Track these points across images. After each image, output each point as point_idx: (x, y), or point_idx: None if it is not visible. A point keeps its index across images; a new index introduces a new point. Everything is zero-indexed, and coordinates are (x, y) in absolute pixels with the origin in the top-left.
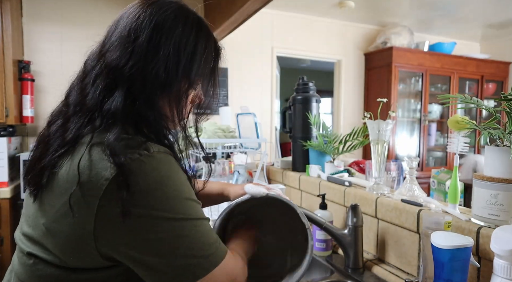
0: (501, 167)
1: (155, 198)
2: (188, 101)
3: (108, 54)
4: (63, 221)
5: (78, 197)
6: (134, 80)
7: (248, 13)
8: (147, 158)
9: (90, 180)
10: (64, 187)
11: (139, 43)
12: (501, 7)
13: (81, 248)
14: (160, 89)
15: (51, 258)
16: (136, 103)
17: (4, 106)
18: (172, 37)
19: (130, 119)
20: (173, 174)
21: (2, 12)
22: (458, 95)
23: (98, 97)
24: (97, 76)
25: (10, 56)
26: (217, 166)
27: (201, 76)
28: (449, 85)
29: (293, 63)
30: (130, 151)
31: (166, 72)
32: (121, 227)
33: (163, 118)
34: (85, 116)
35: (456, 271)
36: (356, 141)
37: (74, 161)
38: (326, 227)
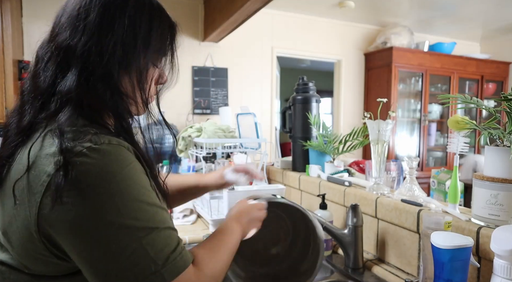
0: (501, 167)
1: (96, 197)
2: (149, 78)
3: (58, 37)
4: (13, 222)
5: (23, 186)
6: (88, 57)
7: (248, 13)
8: (92, 151)
9: (35, 174)
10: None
11: (91, 19)
12: (501, 7)
13: (34, 250)
14: (118, 64)
15: (16, 263)
16: (90, 80)
17: (4, 106)
18: (126, 12)
19: (86, 98)
20: (122, 169)
21: (2, 12)
22: (458, 95)
23: (50, 80)
24: (49, 59)
25: (10, 56)
26: (217, 166)
27: (159, 52)
28: (449, 85)
29: (293, 63)
30: (75, 142)
31: (122, 46)
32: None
33: (121, 97)
34: (38, 101)
35: (456, 271)
36: (356, 141)
37: (26, 149)
38: (326, 227)
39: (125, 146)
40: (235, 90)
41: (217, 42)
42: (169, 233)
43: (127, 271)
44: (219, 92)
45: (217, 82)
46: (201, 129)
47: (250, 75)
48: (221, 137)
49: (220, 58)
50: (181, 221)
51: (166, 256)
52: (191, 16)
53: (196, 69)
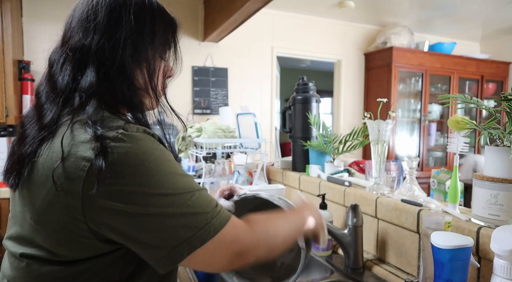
0: (501, 167)
1: (139, 175)
2: (157, 70)
3: (71, 40)
4: (51, 208)
5: (60, 173)
6: (103, 53)
7: (248, 13)
8: (126, 136)
9: (72, 161)
10: (46, 172)
11: (100, 20)
12: (501, 7)
13: (74, 233)
14: (131, 57)
15: (45, 254)
16: (109, 75)
17: (4, 106)
18: (130, 9)
19: (106, 92)
20: (155, 150)
21: (2, 12)
22: (458, 95)
23: (69, 79)
24: (64, 61)
25: (10, 56)
26: (217, 166)
27: (164, 45)
28: (449, 85)
29: (293, 63)
30: (108, 130)
31: (132, 41)
32: (108, 205)
33: (136, 90)
34: (59, 98)
35: (456, 271)
36: (356, 141)
37: (55, 141)
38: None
39: (150, 133)
40: (235, 90)
41: (217, 42)
42: (207, 193)
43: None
44: (219, 92)
45: (217, 82)
46: (201, 129)
47: (250, 75)
48: (221, 137)
49: (220, 58)
50: None
51: (212, 209)
52: (191, 16)
53: (196, 69)
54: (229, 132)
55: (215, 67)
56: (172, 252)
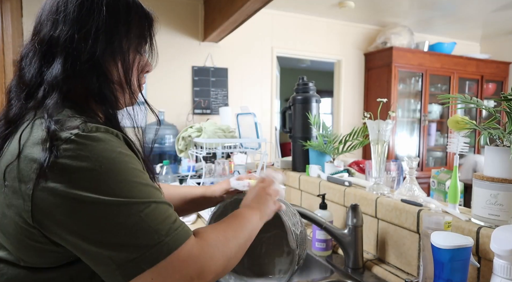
0: (501, 167)
1: (87, 180)
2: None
3: (39, 33)
4: (6, 213)
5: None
6: (72, 43)
7: (248, 13)
8: (80, 137)
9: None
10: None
11: (70, 10)
12: (501, 7)
13: (30, 239)
14: (103, 49)
15: (11, 257)
16: (76, 66)
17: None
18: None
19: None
20: (112, 152)
21: (2, 12)
22: (458, 95)
23: (35, 72)
24: (33, 55)
25: (10, 56)
26: (217, 166)
27: (139, 38)
28: (449, 85)
29: (293, 63)
30: (61, 130)
31: (105, 31)
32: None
33: (108, 82)
34: (23, 92)
35: (456, 271)
36: (356, 141)
37: (15, 139)
38: (326, 227)
39: (113, 133)
40: (235, 90)
41: (217, 42)
42: (167, 207)
43: (131, 246)
44: (219, 92)
45: (217, 82)
46: (201, 129)
47: (250, 75)
48: (221, 137)
49: (220, 58)
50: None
51: (168, 227)
52: (191, 16)
53: (196, 69)
54: (229, 132)
55: (215, 67)
56: (117, 271)
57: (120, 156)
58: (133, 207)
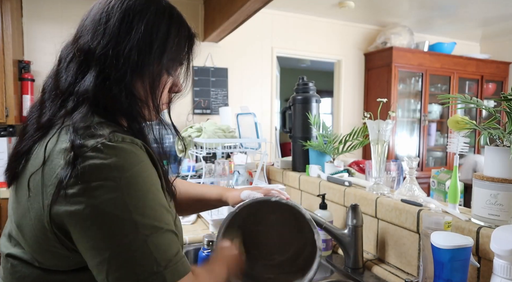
0: (501, 167)
1: (105, 190)
2: (161, 85)
3: (80, 39)
4: (27, 215)
5: (37, 180)
6: (105, 60)
7: (248, 13)
8: (105, 147)
9: (50, 167)
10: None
11: (111, 24)
12: (501, 7)
13: (46, 243)
14: (132, 69)
15: (28, 257)
16: (107, 82)
17: (4, 106)
18: (144, 19)
19: (101, 99)
20: (134, 166)
21: (2, 12)
22: (458, 95)
23: (71, 80)
24: (71, 60)
25: (10, 56)
26: (217, 166)
27: (175, 61)
28: (449, 85)
29: (293, 63)
30: (90, 137)
31: (138, 52)
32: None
33: (135, 100)
34: (58, 99)
35: (456, 271)
36: (356, 141)
37: (43, 144)
38: (326, 227)
39: (138, 144)
40: (235, 90)
41: (217, 42)
42: (172, 237)
43: (129, 268)
44: (219, 92)
45: (217, 82)
46: (201, 129)
47: (250, 75)
48: (221, 137)
49: (220, 58)
50: (181, 221)
51: (169, 259)
52: (191, 16)
53: (196, 69)
54: (229, 132)
55: (215, 67)
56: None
57: (141, 171)
58: (142, 229)
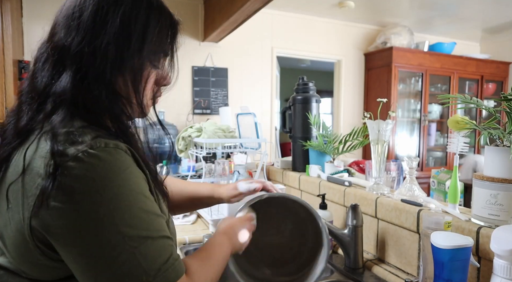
0: (501, 167)
1: (89, 203)
2: (144, 79)
3: (54, 37)
4: (8, 225)
5: (17, 190)
6: (82, 57)
7: (248, 13)
8: (87, 155)
9: (30, 177)
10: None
11: (84, 18)
12: (501, 7)
13: (29, 254)
14: (111, 65)
15: (14, 267)
16: (85, 81)
17: (4, 106)
18: (120, 10)
19: (81, 99)
20: (119, 174)
21: (2, 12)
22: (458, 95)
23: (47, 81)
24: (46, 60)
25: (10, 56)
26: (217, 166)
27: (157, 53)
28: (449, 85)
29: (293, 63)
30: (70, 145)
31: (116, 46)
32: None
33: (117, 98)
34: (35, 102)
35: (456, 271)
36: (356, 141)
37: (22, 152)
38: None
39: (122, 148)
40: (235, 90)
41: (217, 42)
42: (163, 243)
43: (117, 280)
44: (219, 92)
45: (217, 82)
46: (201, 129)
47: (250, 75)
48: (221, 137)
49: (220, 58)
50: (181, 221)
51: (158, 268)
52: (191, 16)
53: (196, 69)
54: (229, 132)
55: (215, 67)
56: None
57: (126, 180)
58: (129, 241)
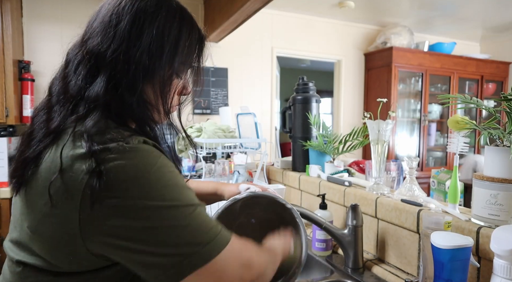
0: (501, 167)
1: (138, 187)
2: (172, 89)
3: (89, 41)
4: (47, 220)
5: (58, 186)
6: (116, 64)
7: (248, 13)
8: (128, 149)
9: (71, 173)
10: (44, 182)
11: (121, 27)
12: (501, 7)
13: (69, 247)
14: (143, 74)
15: (40, 263)
16: (118, 88)
17: (4, 106)
18: (155, 22)
19: (113, 105)
20: (157, 161)
21: (2, 12)
22: (458, 95)
23: (81, 84)
24: (79, 63)
25: (10, 56)
26: (217, 166)
27: (185, 64)
28: (449, 85)
29: (293, 63)
30: (109, 142)
31: (149, 56)
32: (107, 220)
33: (146, 106)
34: (68, 104)
35: (456, 271)
36: (356, 141)
37: (57, 150)
38: (326, 227)
39: (151, 144)
40: (235, 90)
41: (217, 42)
42: (204, 210)
43: (185, 244)
44: (219, 92)
45: (217, 82)
46: (201, 129)
47: (250, 75)
48: (221, 137)
49: (220, 58)
50: None
51: (213, 226)
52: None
53: None
54: (229, 132)
55: (215, 67)
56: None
57: (163, 164)
58: (184, 210)
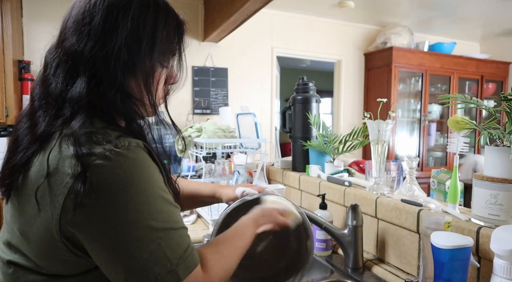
0: (501, 167)
1: (117, 199)
2: (155, 80)
3: (65, 42)
4: (34, 223)
5: (44, 191)
6: (95, 62)
7: (248, 13)
8: (113, 154)
9: (56, 177)
10: (32, 187)
11: (95, 24)
12: (501, 7)
13: (54, 250)
14: (124, 69)
15: (31, 264)
16: (100, 86)
17: (4, 106)
18: (129, 14)
19: (98, 103)
20: (142, 171)
21: (2, 12)
22: (458, 95)
23: (61, 86)
24: (58, 65)
25: (10, 56)
26: (217, 166)
27: (166, 53)
28: (449, 85)
29: (293, 63)
30: (95, 146)
31: (127, 50)
32: (82, 226)
33: (131, 100)
34: (51, 108)
35: (456, 271)
36: (356, 141)
37: (45, 154)
38: (326, 227)
39: (142, 147)
40: (235, 90)
41: (217, 42)
42: (182, 233)
43: (146, 270)
44: (219, 92)
45: (217, 82)
46: (201, 129)
47: (250, 75)
48: (221, 137)
49: (220, 58)
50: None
51: (179, 255)
52: (191, 16)
53: (196, 69)
54: (229, 132)
55: (215, 67)
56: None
57: (149, 177)
58: (156, 233)
